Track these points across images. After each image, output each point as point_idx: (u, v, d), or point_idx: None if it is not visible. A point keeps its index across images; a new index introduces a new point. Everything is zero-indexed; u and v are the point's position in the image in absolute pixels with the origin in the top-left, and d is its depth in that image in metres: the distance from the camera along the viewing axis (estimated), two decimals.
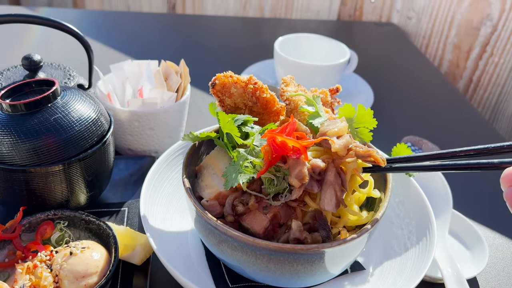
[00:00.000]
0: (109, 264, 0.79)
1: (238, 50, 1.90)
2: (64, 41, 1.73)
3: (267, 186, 0.72)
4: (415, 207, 0.91)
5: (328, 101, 0.91)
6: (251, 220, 0.74)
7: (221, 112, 0.82)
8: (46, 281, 0.74)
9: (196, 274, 0.83)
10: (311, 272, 0.72)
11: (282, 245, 0.67)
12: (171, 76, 1.17)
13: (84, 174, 0.88)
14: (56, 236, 0.85)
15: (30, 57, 1.06)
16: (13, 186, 0.83)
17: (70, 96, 0.88)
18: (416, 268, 0.79)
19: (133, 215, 0.98)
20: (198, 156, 0.89)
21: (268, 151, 0.71)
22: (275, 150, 0.70)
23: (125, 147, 1.17)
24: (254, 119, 0.84)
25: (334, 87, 0.92)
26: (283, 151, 0.70)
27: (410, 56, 1.96)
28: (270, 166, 0.71)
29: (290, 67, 1.41)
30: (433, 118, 1.51)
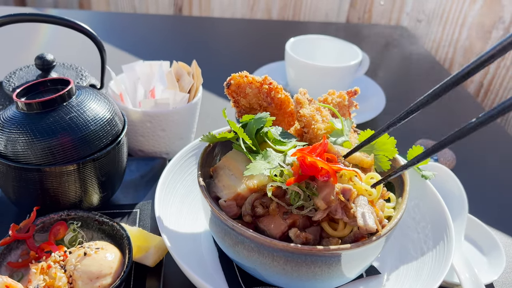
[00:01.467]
0: (123, 265, 0.78)
1: (246, 52, 1.89)
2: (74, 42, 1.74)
3: (292, 198, 0.71)
4: (431, 210, 0.90)
5: (346, 104, 0.90)
6: (269, 222, 0.73)
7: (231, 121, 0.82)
8: (60, 282, 0.73)
9: (209, 276, 0.82)
10: (328, 274, 0.71)
11: (300, 247, 0.66)
12: (183, 77, 1.17)
13: (98, 174, 0.87)
14: (69, 236, 0.85)
15: (43, 56, 1.05)
16: (27, 185, 0.83)
17: (85, 95, 0.88)
18: (434, 273, 0.78)
19: (145, 217, 0.98)
20: (212, 157, 0.88)
21: (297, 167, 0.71)
22: (304, 170, 0.70)
23: (136, 148, 1.16)
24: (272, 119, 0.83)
25: (352, 90, 0.91)
26: (312, 171, 0.70)
27: (420, 59, 1.94)
28: (298, 181, 0.70)
29: (301, 69, 1.41)
30: (445, 121, 1.50)
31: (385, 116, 1.42)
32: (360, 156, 0.78)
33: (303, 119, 0.84)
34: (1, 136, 0.82)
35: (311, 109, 0.86)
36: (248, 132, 0.82)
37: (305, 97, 0.87)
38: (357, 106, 0.93)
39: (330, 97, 0.91)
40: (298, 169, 0.71)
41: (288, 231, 0.72)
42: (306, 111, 0.84)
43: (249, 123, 0.82)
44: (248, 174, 0.73)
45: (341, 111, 0.91)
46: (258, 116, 0.82)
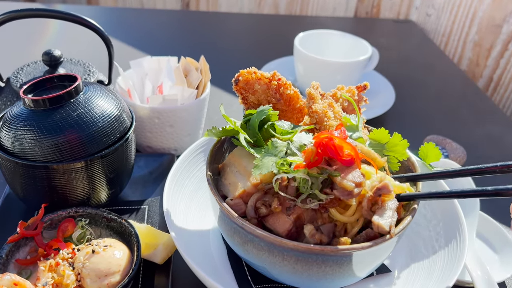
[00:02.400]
0: (132, 263, 0.78)
1: (254, 47, 1.88)
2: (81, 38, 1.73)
3: (301, 185, 0.69)
4: (443, 208, 0.88)
5: (355, 99, 0.89)
6: (274, 221, 0.72)
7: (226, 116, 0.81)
8: (68, 280, 0.73)
9: (218, 273, 0.81)
10: (339, 274, 0.70)
11: (311, 246, 0.65)
12: (191, 73, 1.16)
13: (106, 171, 0.86)
14: (78, 233, 0.84)
15: (50, 52, 1.05)
16: (35, 182, 0.82)
17: (92, 92, 0.87)
18: (447, 272, 0.77)
19: (154, 213, 0.97)
20: (221, 154, 0.87)
21: (311, 152, 0.69)
22: (324, 152, 0.68)
23: (145, 145, 1.16)
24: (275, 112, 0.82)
25: (362, 84, 0.90)
26: (336, 154, 0.68)
27: (429, 54, 1.92)
28: (310, 166, 0.69)
29: (310, 64, 1.39)
30: (456, 116, 1.48)
31: (394, 111, 1.40)
32: (374, 154, 0.77)
33: (315, 115, 0.83)
34: (9, 133, 0.81)
35: (324, 104, 0.84)
36: (252, 126, 0.81)
37: (317, 92, 0.86)
38: (366, 101, 0.91)
39: (339, 92, 0.90)
40: (311, 155, 0.69)
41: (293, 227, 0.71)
42: (318, 107, 0.83)
43: (252, 118, 0.81)
44: (257, 173, 0.71)
45: (351, 106, 0.89)
46: (260, 109, 0.80)
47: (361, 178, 0.68)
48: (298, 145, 0.74)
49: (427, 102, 1.55)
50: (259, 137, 0.81)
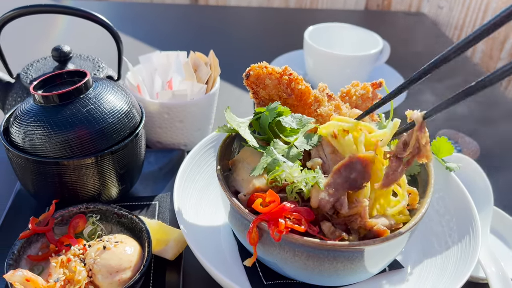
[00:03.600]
0: (143, 259, 0.78)
1: (264, 42, 1.87)
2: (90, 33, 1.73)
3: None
4: (456, 203, 0.87)
5: (370, 97, 0.87)
6: None
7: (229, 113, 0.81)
8: (80, 276, 0.73)
9: (229, 269, 0.81)
10: (350, 270, 0.69)
11: (322, 242, 0.64)
12: (200, 68, 1.15)
13: (116, 167, 0.86)
14: (89, 229, 0.84)
15: (59, 48, 1.05)
16: (45, 178, 0.82)
17: (102, 88, 0.87)
18: (460, 267, 0.76)
19: (164, 209, 0.97)
20: (231, 150, 0.87)
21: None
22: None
23: (154, 140, 1.16)
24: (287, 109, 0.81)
25: (377, 82, 0.88)
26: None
27: (441, 47, 1.89)
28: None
29: (320, 58, 1.38)
30: (468, 110, 1.46)
31: (406, 105, 1.38)
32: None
33: (319, 118, 0.82)
34: (19, 129, 0.81)
35: (329, 107, 0.83)
36: (262, 124, 0.81)
37: (324, 94, 0.84)
38: (380, 98, 0.90)
39: (353, 89, 0.89)
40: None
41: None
42: (323, 110, 0.82)
43: (262, 115, 0.81)
44: (256, 174, 0.72)
45: (364, 103, 0.88)
46: (271, 106, 0.80)
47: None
48: (296, 152, 0.74)
49: (439, 96, 1.53)
50: (269, 135, 0.81)
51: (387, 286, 0.80)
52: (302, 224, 0.66)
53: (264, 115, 0.80)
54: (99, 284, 0.74)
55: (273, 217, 0.66)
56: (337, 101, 0.86)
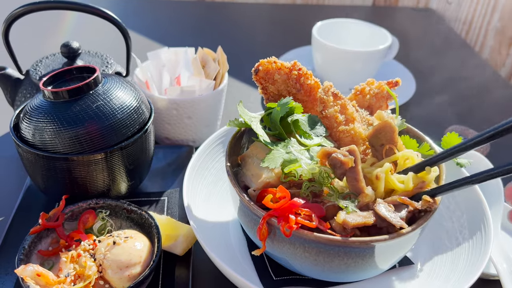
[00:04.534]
0: (152, 254, 0.78)
1: (271, 38, 1.86)
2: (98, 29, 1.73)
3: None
4: (466, 199, 0.86)
5: (384, 96, 0.87)
6: None
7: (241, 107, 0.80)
8: (90, 271, 0.73)
9: (239, 265, 0.81)
10: (361, 266, 0.69)
11: (333, 238, 0.64)
12: (208, 64, 1.15)
13: (126, 163, 0.86)
14: (98, 225, 0.85)
15: (68, 44, 1.05)
16: (55, 174, 0.83)
17: (111, 83, 0.87)
18: (471, 264, 0.75)
19: (173, 205, 0.97)
20: (240, 146, 0.87)
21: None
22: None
23: (163, 136, 1.16)
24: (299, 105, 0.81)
25: (393, 80, 0.88)
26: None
27: (450, 43, 1.88)
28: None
29: (328, 54, 1.37)
30: (478, 106, 1.45)
31: (415, 101, 1.38)
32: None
33: (325, 120, 0.82)
34: (29, 125, 0.82)
35: (335, 108, 0.82)
36: (273, 119, 0.80)
37: (329, 94, 0.83)
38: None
39: (368, 87, 0.88)
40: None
41: None
42: (329, 112, 0.81)
43: (273, 110, 0.81)
44: (265, 165, 0.71)
45: (378, 102, 0.87)
46: (282, 102, 0.79)
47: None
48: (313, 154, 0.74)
49: (449, 92, 1.52)
50: (281, 130, 0.80)
51: (397, 282, 0.80)
52: (312, 220, 0.66)
53: (276, 110, 0.80)
54: (109, 279, 0.74)
55: (284, 213, 0.66)
56: (343, 100, 0.85)
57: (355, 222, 0.66)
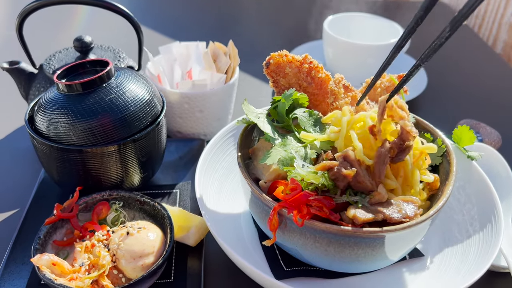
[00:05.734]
0: (165, 245, 0.79)
1: (282, 32, 1.86)
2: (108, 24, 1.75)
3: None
4: (477, 192, 0.86)
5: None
6: None
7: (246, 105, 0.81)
8: (104, 260, 0.74)
9: (250, 255, 0.81)
10: (371, 257, 0.69)
11: (344, 228, 0.65)
12: (219, 57, 1.16)
13: (138, 155, 0.88)
14: (112, 216, 0.86)
15: (81, 38, 1.06)
16: (70, 166, 0.84)
17: (124, 77, 0.88)
18: (481, 256, 0.76)
19: (185, 197, 0.98)
20: (251, 139, 0.88)
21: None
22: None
23: (175, 130, 1.17)
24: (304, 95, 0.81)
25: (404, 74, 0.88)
26: None
27: (462, 37, 1.87)
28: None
29: (339, 48, 1.37)
30: (490, 100, 1.44)
31: (427, 95, 1.37)
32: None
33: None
34: (44, 117, 0.83)
35: (346, 100, 0.83)
36: (279, 111, 0.81)
37: (340, 86, 0.84)
38: (407, 91, 0.89)
39: (379, 80, 0.88)
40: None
41: None
42: (340, 103, 0.81)
43: (279, 103, 0.81)
44: (263, 162, 0.72)
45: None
46: (287, 94, 0.80)
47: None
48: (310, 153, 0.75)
49: (460, 86, 1.51)
50: (288, 122, 0.81)
51: (407, 273, 0.80)
52: (324, 211, 0.66)
53: (281, 103, 0.81)
54: (122, 269, 0.75)
55: (295, 204, 0.67)
56: (354, 92, 0.85)
57: (365, 217, 0.66)
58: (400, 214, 0.67)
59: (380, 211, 0.67)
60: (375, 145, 0.72)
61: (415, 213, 0.68)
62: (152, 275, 0.74)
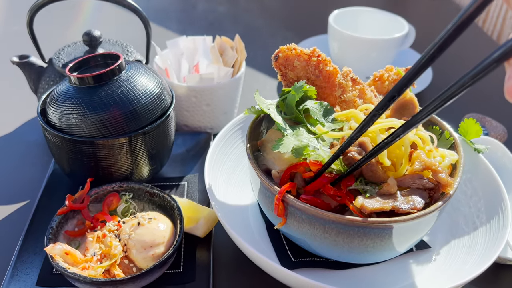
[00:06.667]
0: (175, 235, 0.80)
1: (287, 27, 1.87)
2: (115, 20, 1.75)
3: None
4: (484, 184, 0.87)
5: None
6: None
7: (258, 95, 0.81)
8: (116, 250, 0.75)
9: (259, 246, 0.82)
10: (380, 247, 0.70)
11: (353, 218, 0.66)
12: (226, 51, 1.16)
13: (148, 147, 0.89)
14: (122, 207, 0.87)
15: (90, 33, 1.07)
16: (81, 157, 0.85)
17: (135, 70, 0.89)
18: (488, 248, 0.76)
19: (193, 189, 0.99)
20: (259, 131, 0.88)
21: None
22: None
23: (182, 123, 1.18)
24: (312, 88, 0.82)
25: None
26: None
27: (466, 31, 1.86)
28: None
29: (345, 42, 1.38)
30: (495, 95, 1.44)
31: (432, 90, 1.38)
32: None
33: (343, 105, 0.83)
34: (56, 109, 0.84)
35: (354, 93, 0.84)
36: (289, 103, 0.82)
37: (348, 79, 0.85)
38: (414, 85, 0.90)
39: (386, 73, 0.89)
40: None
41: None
42: (347, 96, 0.82)
43: (288, 94, 0.82)
44: (276, 150, 0.73)
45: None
46: (297, 86, 0.81)
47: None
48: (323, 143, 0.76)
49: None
50: (298, 114, 0.82)
51: (414, 265, 0.81)
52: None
53: (291, 95, 0.81)
54: (133, 259, 0.76)
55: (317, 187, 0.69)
56: (361, 85, 0.86)
57: (373, 207, 0.67)
58: (408, 205, 0.68)
59: (388, 202, 0.68)
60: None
61: (423, 204, 0.69)
62: (163, 265, 0.76)
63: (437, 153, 0.76)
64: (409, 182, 0.70)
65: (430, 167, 0.70)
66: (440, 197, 0.71)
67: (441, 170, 0.70)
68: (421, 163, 0.70)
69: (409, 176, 0.71)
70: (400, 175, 0.72)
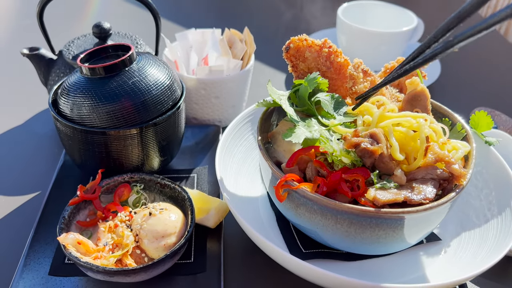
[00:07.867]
0: (186, 225, 0.80)
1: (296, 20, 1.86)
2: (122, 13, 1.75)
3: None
4: (495, 177, 0.87)
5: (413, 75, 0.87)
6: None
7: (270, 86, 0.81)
8: (128, 240, 0.76)
9: (269, 237, 0.83)
10: (391, 238, 0.70)
11: (366, 209, 0.66)
12: (235, 44, 1.16)
13: (159, 138, 0.89)
14: (133, 198, 0.87)
15: (100, 25, 1.07)
16: (92, 148, 0.85)
17: (145, 61, 0.89)
18: (499, 241, 0.76)
19: (203, 181, 0.99)
20: (270, 123, 0.88)
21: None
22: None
23: (190, 116, 1.18)
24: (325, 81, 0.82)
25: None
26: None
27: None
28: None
29: (353, 35, 1.38)
30: (504, 89, 1.44)
31: (440, 84, 1.37)
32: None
33: (354, 96, 0.83)
34: (67, 100, 0.84)
35: (365, 84, 0.83)
36: (301, 95, 0.82)
37: (359, 71, 0.84)
38: (425, 76, 0.89)
39: (398, 65, 0.89)
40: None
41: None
42: (359, 88, 0.82)
43: (301, 86, 0.82)
44: (287, 139, 0.73)
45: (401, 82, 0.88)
46: (310, 77, 0.81)
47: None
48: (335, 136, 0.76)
49: (474, 74, 1.51)
50: (310, 106, 0.82)
51: (425, 257, 0.81)
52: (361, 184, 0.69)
53: (303, 86, 0.81)
54: (145, 249, 0.77)
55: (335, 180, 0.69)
56: (372, 77, 0.86)
57: (385, 199, 0.67)
58: (420, 195, 0.68)
59: (400, 193, 0.68)
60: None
61: (434, 193, 0.69)
62: (174, 255, 0.76)
63: (449, 145, 0.76)
64: (423, 173, 0.70)
65: (443, 158, 0.70)
66: (453, 188, 0.71)
67: (454, 162, 0.70)
68: (434, 155, 0.70)
69: (423, 168, 0.71)
70: (414, 169, 0.72)
